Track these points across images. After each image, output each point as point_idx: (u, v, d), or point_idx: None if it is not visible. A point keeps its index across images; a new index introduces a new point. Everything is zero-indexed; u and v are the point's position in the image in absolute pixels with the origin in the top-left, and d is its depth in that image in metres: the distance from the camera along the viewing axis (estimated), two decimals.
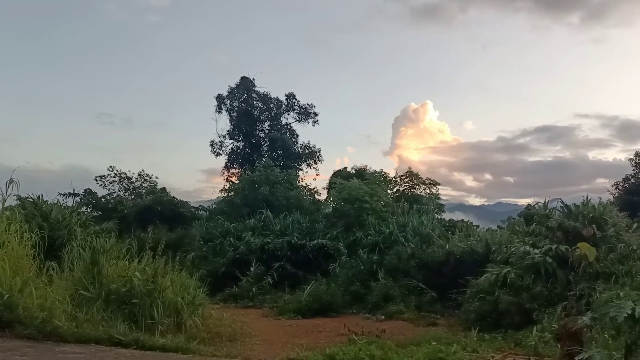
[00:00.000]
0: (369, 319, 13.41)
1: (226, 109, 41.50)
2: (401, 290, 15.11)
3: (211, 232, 22.60)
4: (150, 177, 34.49)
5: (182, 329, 9.37)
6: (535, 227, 13.60)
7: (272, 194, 26.12)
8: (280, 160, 37.86)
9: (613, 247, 11.12)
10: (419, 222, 20.25)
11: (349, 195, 22.18)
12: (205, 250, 20.88)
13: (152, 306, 9.16)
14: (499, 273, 11.59)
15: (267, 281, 17.36)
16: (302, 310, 14.03)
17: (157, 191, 31.61)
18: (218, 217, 25.88)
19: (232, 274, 18.16)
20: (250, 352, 8.27)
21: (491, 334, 9.77)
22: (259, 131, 41.66)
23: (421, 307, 14.21)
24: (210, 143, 41.57)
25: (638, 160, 37.38)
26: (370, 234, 19.28)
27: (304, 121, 41.86)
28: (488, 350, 7.80)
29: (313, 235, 20.71)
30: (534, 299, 10.49)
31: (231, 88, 41.45)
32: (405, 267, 16.26)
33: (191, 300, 10.16)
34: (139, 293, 9.20)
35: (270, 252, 19.04)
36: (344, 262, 17.61)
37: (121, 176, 33.90)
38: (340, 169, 33.79)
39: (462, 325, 11.55)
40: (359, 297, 15.40)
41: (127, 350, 7.43)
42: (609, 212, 12.90)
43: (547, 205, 15.23)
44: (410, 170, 32.45)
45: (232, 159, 41.43)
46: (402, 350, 7.60)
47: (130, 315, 8.99)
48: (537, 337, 8.09)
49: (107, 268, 9.77)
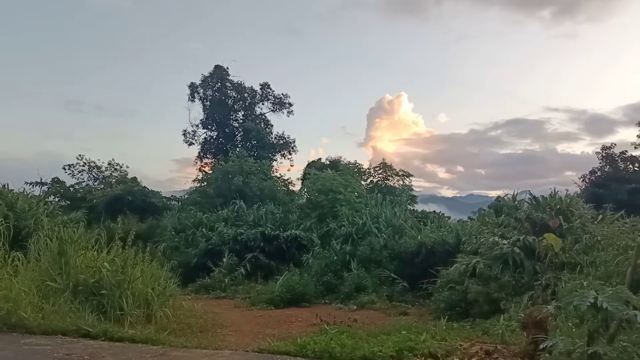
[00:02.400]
0: (341, 309, 13.48)
1: (199, 98, 41.11)
2: (373, 281, 15.25)
3: (183, 223, 22.36)
4: (121, 167, 34.06)
5: (152, 320, 9.28)
6: (505, 218, 13.86)
7: (245, 184, 25.99)
8: (254, 151, 37.71)
9: (578, 238, 11.40)
10: (392, 213, 20.44)
11: (322, 186, 22.22)
12: (177, 241, 20.64)
13: (122, 297, 9.05)
14: (468, 263, 11.80)
15: (239, 272, 17.28)
16: (275, 301, 14.02)
17: (128, 181, 31.18)
18: (190, 207, 25.65)
19: (204, 264, 18.05)
20: (221, 343, 8.22)
21: (460, 323, 9.94)
22: (233, 121, 41.39)
23: (393, 297, 14.39)
24: (183, 132, 41.20)
25: (604, 153, 38.47)
26: (343, 224, 19.35)
27: (279, 111, 41.78)
28: (456, 338, 7.92)
29: (287, 226, 20.68)
30: (501, 289, 10.70)
31: (205, 76, 41.05)
32: (377, 257, 16.40)
33: (162, 291, 10.07)
34: (108, 284, 9.06)
35: (243, 243, 18.94)
36: (317, 253, 17.66)
37: (90, 165, 33.37)
38: (315, 160, 33.92)
39: (432, 314, 11.72)
40: (331, 288, 15.48)
41: (95, 341, 7.31)
42: (576, 204, 13.22)
43: (516, 197, 15.54)
44: (384, 162, 32.75)
45: (205, 149, 41.10)
46: (372, 339, 7.65)
47: (99, 307, 8.87)
48: (504, 326, 8.25)
49: (75, 259, 9.60)
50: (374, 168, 32.81)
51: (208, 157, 40.67)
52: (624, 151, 38.35)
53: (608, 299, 4.64)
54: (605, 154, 38.43)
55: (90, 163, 33.45)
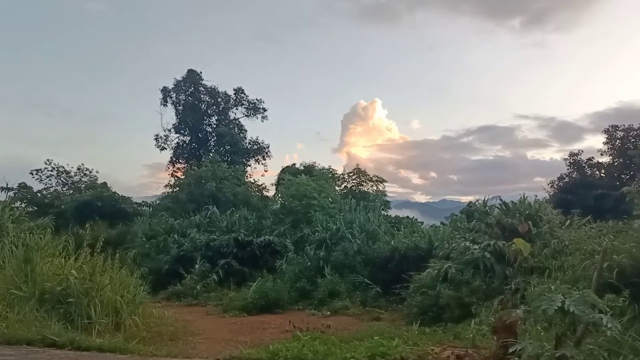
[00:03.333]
0: (314, 315, 13.44)
1: (172, 102, 40.63)
2: (347, 286, 15.27)
3: (154, 229, 22.03)
4: (91, 172, 33.39)
5: (121, 328, 9.09)
6: (476, 223, 14.06)
7: (219, 189, 25.77)
8: (228, 156, 37.43)
9: (547, 243, 11.60)
10: (366, 218, 20.52)
11: (297, 192, 22.19)
12: (147, 248, 20.33)
13: (90, 305, 8.85)
14: (440, 268, 11.92)
15: (212, 278, 17.09)
16: (248, 308, 13.90)
17: (98, 186, 30.56)
18: (162, 213, 25.31)
19: (176, 271, 17.78)
20: (192, 351, 8.10)
21: (432, 328, 10.02)
22: (206, 125, 41.04)
23: (366, 303, 14.42)
24: (155, 137, 40.62)
25: (572, 160, 39.47)
26: (317, 230, 19.35)
27: (253, 116, 41.57)
28: (428, 343, 7.97)
29: (260, 232, 20.55)
30: (472, 293, 10.83)
31: (177, 81, 40.62)
32: (351, 263, 16.44)
33: (131, 298, 9.87)
34: (75, 292, 8.86)
35: (216, 249, 18.74)
36: (291, 259, 17.59)
37: (59, 170, 32.61)
38: (289, 165, 33.85)
39: (405, 319, 11.78)
40: (305, 294, 15.42)
41: (61, 351, 7.11)
42: (544, 210, 13.47)
43: (487, 202, 15.78)
44: (358, 168, 32.94)
45: (177, 154, 40.61)
46: (345, 345, 7.65)
47: (66, 315, 8.66)
48: (475, 330, 8.34)
49: (42, 266, 9.38)
50: (348, 174, 32.98)
51: (181, 162, 40.17)
52: (591, 158, 39.47)
53: (575, 302, 4.72)
54: (572, 160, 39.46)
55: (58, 168, 32.68)
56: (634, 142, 37.27)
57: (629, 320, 6.41)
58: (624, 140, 38.24)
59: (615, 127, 39.04)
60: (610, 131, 39.09)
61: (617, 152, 38.41)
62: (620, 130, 38.77)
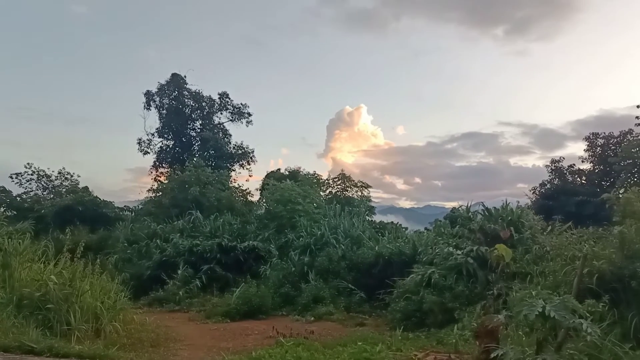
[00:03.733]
0: (298, 320, 13.39)
1: (155, 106, 40.27)
2: (331, 292, 15.24)
3: (136, 234, 21.76)
4: (72, 176, 32.87)
5: (102, 335, 8.97)
6: (459, 229, 14.14)
7: (202, 194, 25.56)
8: (212, 161, 37.19)
9: (529, 249, 11.72)
10: (351, 224, 20.52)
11: (281, 197, 22.11)
12: (129, 253, 20.05)
13: (69, 311, 8.70)
14: (424, 273, 11.96)
15: (195, 284, 16.92)
16: (231, 313, 13.79)
17: (79, 190, 30.10)
18: (144, 218, 25.02)
19: (158, 277, 17.56)
20: (173, 358, 8.02)
21: (415, 333, 10.05)
22: (190, 130, 40.74)
23: (350, 308, 14.41)
24: (138, 141, 40.17)
25: (553, 167, 40.04)
26: (302, 235, 19.29)
27: (238, 121, 41.36)
28: (411, 348, 8.00)
29: (244, 237, 20.42)
30: (456, 299, 10.89)
31: (161, 84, 40.28)
32: (335, 268, 16.41)
33: (112, 304, 9.74)
34: (54, 298, 8.70)
35: (199, 255, 18.57)
36: (275, 264, 17.50)
37: (39, 174, 32.08)
38: (274, 170, 33.70)
39: (388, 324, 11.80)
40: (289, 299, 15.35)
41: (39, 358, 7.00)
42: (526, 216, 13.62)
43: (470, 208, 15.88)
44: (343, 173, 32.94)
45: (161, 158, 40.23)
46: (328, 351, 7.64)
47: (45, 322, 8.50)
48: (457, 335, 8.40)
49: (20, 271, 9.23)
50: (333, 179, 32.96)
51: (164, 167, 39.80)
52: (572, 164, 40.09)
53: (555, 308, 4.77)
54: (554, 167, 40.03)
55: (39, 172, 32.15)
56: (614, 150, 37.91)
57: (609, 325, 6.49)
58: (605, 148, 38.90)
59: (596, 134, 39.71)
60: (591, 139, 39.74)
61: (597, 159, 39.05)
62: (600, 137, 39.43)
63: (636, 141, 35.47)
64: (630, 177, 34.44)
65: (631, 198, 8.16)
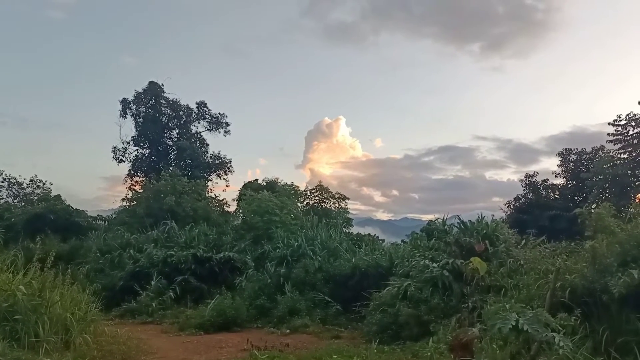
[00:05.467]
0: (273, 333, 13.25)
1: (131, 114, 39.89)
2: (307, 304, 15.13)
3: (109, 244, 21.31)
4: (44, 183, 32.26)
5: (71, 347, 8.71)
6: (435, 242, 14.22)
7: (178, 204, 25.28)
8: (189, 170, 36.93)
9: (503, 262, 11.84)
10: (328, 235, 20.46)
11: (258, 208, 21.99)
12: (101, 263, 19.60)
13: (38, 322, 8.43)
14: (400, 286, 11.98)
15: (168, 295, 16.61)
16: (205, 326, 13.56)
17: (51, 198, 29.44)
18: (118, 227, 24.58)
19: (130, 288, 17.20)
20: None
21: (391, 346, 10.03)
22: (167, 139, 40.42)
23: (326, 320, 14.31)
24: (113, 149, 39.70)
25: (527, 181, 40.80)
26: (278, 246, 19.15)
27: (215, 131, 41.23)
28: None
29: (220, 248, 20.17)
30: (431, 311, 10.91)
31: (138, 92, 39.96)
32: (312, 280, 16.32)
33: (82, 316, 9.49)
34: (22, 308, 8.42)
35: (173, 265, 18.27)
36: (251, 276, 17.32)
37: (10, 181, 31.41)
38: (251, 181, 33.68)
39: (364, 337, 11.74)
40: (264, 311, 15.19)
41: None
42: (501, 229, 13.78)
43: (446, 221, 16.01)
44: (320, 184, 33.09)
45: (136, 167, 39.78)
46: None
47: (12, 333, 8.20)
48: (433, 348, 8.40)
49: None
50: (310, 190, 33.05)
51: (139, 176, 39.33)
52: (546, 179, 40.94)
53: (529, 321, 4.82)
54: (528, 181, 40.80)
55: (10, 179, 31.49)
56: (586, 165, 38.87)
57: (581, 338, 6.59)
58: (577, 164, 39.84)
59: (569, 150, 40.67)
60: (564, 154, 40.68)
61: (570, 175, 39.96)
62: (573, 153, 40.39)
63: (607, 157, 36.45)
64: (602, 193, 35.32)
65: (602, 213, 8.33)
